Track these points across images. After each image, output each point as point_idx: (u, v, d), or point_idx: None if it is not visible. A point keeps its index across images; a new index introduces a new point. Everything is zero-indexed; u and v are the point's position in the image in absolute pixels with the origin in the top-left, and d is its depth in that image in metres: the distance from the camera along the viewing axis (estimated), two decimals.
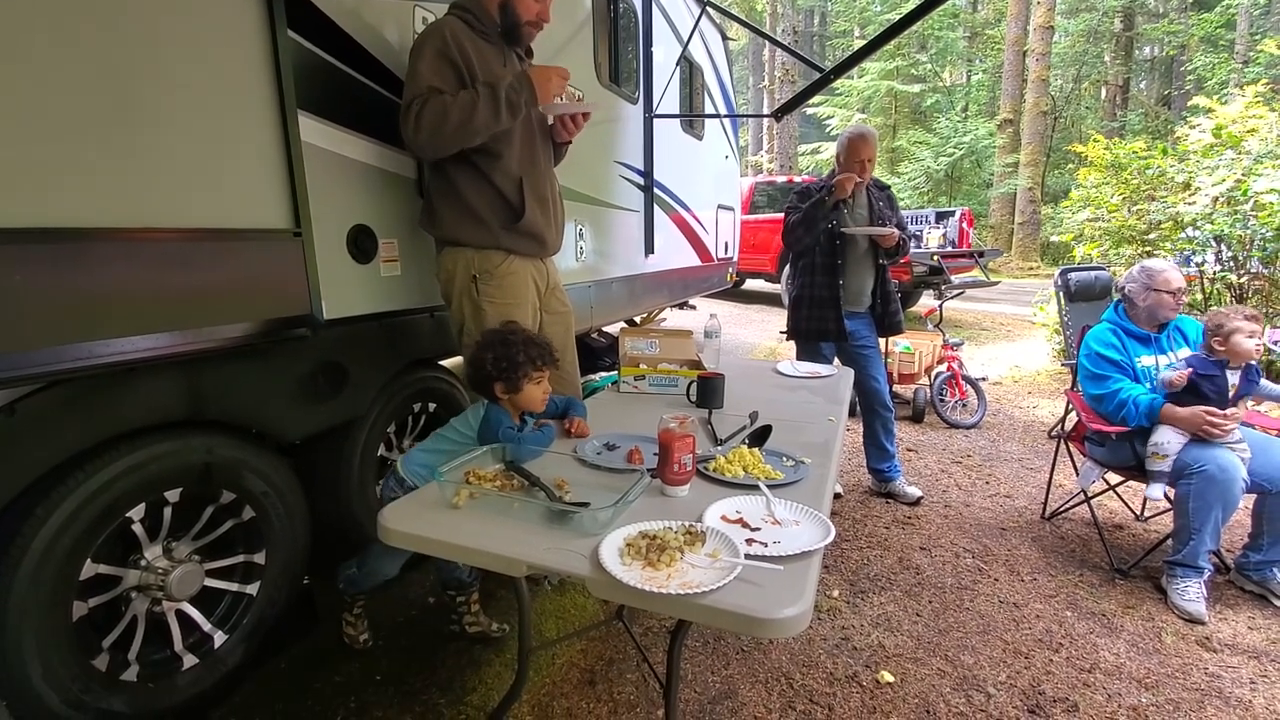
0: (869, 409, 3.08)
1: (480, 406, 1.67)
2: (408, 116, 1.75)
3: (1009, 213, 15.40)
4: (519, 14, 1.94)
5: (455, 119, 1.74)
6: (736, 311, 9.09)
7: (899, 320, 3.10)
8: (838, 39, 22.37)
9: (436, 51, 1.79)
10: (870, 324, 3.06)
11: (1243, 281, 4.30)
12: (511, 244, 1.99)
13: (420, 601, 2.18)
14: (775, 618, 0.94)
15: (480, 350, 1.66)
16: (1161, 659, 1.94)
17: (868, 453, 3.16)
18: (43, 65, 1.19)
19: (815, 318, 2.97)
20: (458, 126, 1.75)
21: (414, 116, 1.74)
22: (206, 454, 1.59)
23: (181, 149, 1.41)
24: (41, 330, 1.21)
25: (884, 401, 3.05)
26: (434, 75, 1.77)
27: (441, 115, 1.73)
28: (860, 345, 3.01)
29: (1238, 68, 15.82)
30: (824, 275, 2.95)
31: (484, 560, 1.15)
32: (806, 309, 3.00)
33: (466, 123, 1.75)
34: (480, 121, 1.76)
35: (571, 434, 1.74)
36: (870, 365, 3.03)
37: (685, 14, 4.63)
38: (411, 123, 1.75)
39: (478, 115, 1.75)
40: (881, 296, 3.03)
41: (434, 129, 1.74)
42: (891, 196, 3.10)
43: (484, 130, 1.79)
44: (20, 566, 1.29)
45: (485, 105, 1.75)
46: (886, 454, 3.09)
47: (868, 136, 2.89)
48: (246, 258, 1.56)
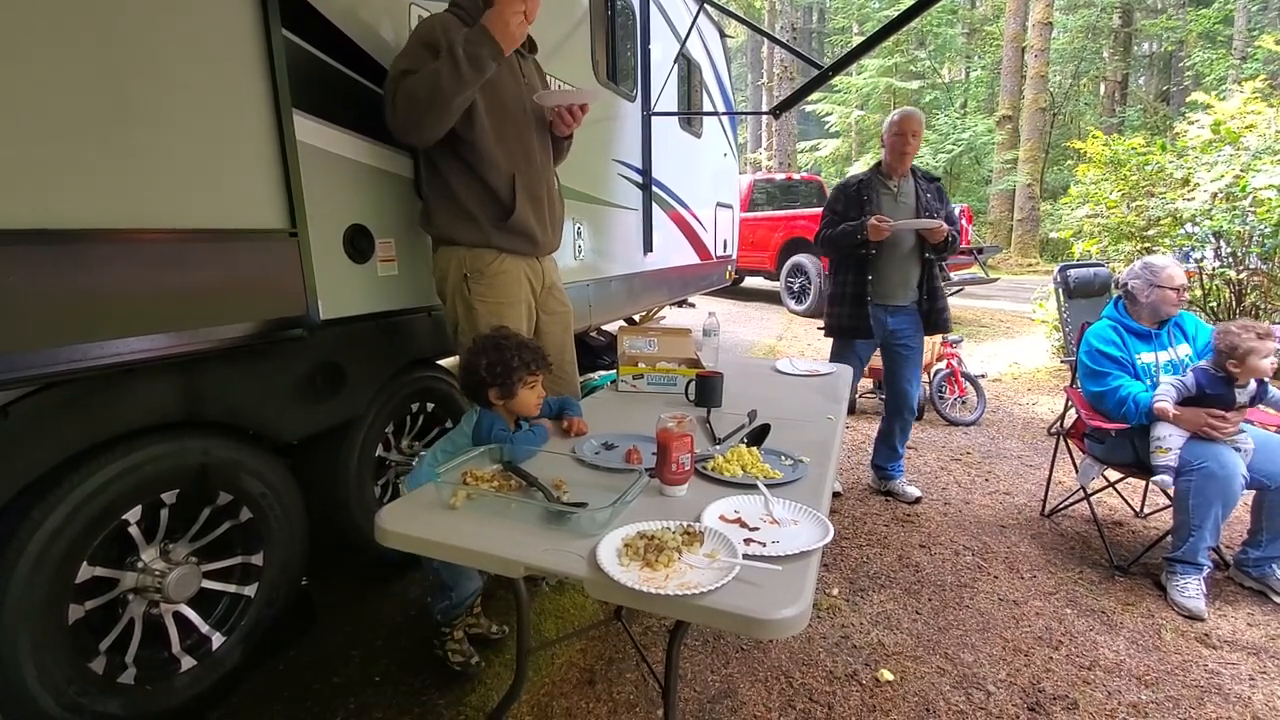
0: (895, 411, 3.07)
1: (473, 413, 1.67)
2: (386, 103, 1.76)
3: (1008, 209, 15.40)
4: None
5: (423, 92, 1.70)
6: (736, 309, 9.09)
7: (946, 318, 2.98)
8: (836, 35, 22.34)
9: (419, 39, 1.78)
10: (917, 321, 2.96)
11: (1241, 277, 4.30)
12: (503, 242, 1.98)
13: (420, 601, 2.17)
14: (774, 618, 0.94)
15: (473, 356, 1.65)
16: (1161, 656, 1.94)
17: (877, 450, 3.16)
18: (41, 66, 1.18)
19: (853, 315, 2.92)
20: (428, 99, 1.70)
21: (389, 101, 1.75)
22: (203, 455, 1.59)
23: (177, 149, 1.41)
24: (38, 331, 1.20)
25: (910, 406, 3.05)
26: (409, 60, 1.75)
27: (411, 92, 1.71)
28: (902, 344, 2.96)
29: (1236, 63, 15.80)
30: (856, 274, 2.91)
31: (482, 561, 1.15)
32: (842, 305, 2.97)
33: (435, 91, 1.69)
34: (445, 85, 1.68)
35: (570, 433, 1.74)
36: (907, 367, 2.99)
37: (683, 11, 4.62)
38: (389, 108, 1.75)
39: (442, 80, 1.68)
40: (929, 292, 2.93)
41: (407, 108, 1.73)
42: (941, 189, 3.00)
43: (452, 94, 1.71)
44: (16, 569, 1.28)
45: (445, 67, 1.68)
46: (895, 454, 3.09)
47: (911, 114, 2.86)
48: (242, 258, 1.55)
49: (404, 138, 1.84)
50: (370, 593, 2.22)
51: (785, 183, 10.40)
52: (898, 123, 2.84)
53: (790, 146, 18.44)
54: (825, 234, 2.96)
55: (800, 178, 10.63)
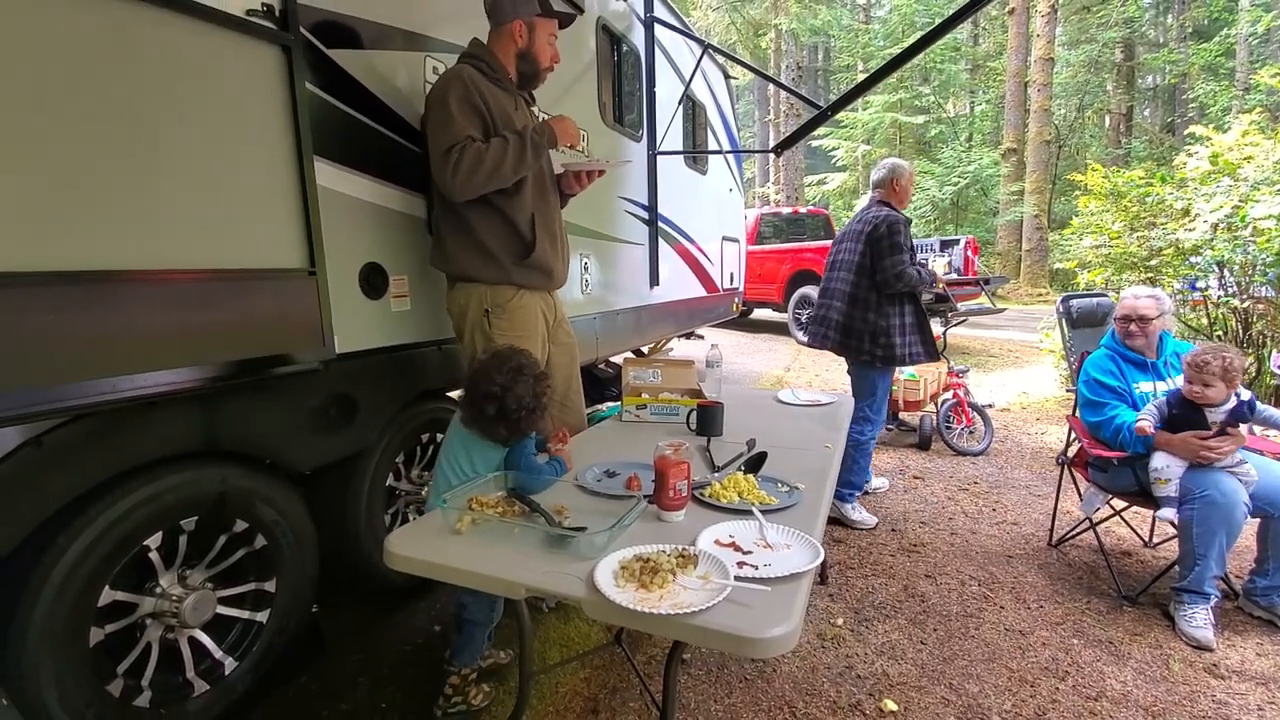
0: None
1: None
2: (446, 163, 1.86)
3: (1016, 240, 15.47)
4: (539, 61, 2.08)
5: (489, 164, 1.87)
6: (745, 341, 9.15)
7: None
8: (841, 74, 22.82)
9: (461, 98, 1.90)
10: None
11: (1246, 306, 4.31)
12: (522, 278, 2.07)
13: (426, 630, 2.20)
14: (763, 637, 0.97)
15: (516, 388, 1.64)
16: (1169, 686, 1.93)
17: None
18: (80, 120, 1.28)
19: (925, 339, 3.08)
20: (491, 171, 1.88)
21: (452, 164, 1.86)
22: (221, 484, 1.65)
23: (206, 195, 1.51)
24: (71, 365, 1.28)
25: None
26: (467, 123, 1.89)
27: (476, 161, 1.86)
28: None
29: (1239, 94, 15.96)
30: (912, 302, 3.08)
31: (485, 583, 1.20)
32: (907, 335, 3.05)
33: (499, 167, 1.89)
34: (509, 167, 1.91)
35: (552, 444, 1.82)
36: None
37: (687, 54, 4.80)
38: (450, 169, 1.86)
39: (507, 160, 1.89)
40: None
41: (470, 174, 1.86)
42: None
43: (513, 174, 1.93)
44: (42, 592, 1.34)
45: (514, 151, 1.90)
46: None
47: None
48: (263, 296, 1.64)
49: (453, 194, 1.93)
50: (378, 621, 2.26)
51: (792, 216, 10.56)
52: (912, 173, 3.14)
53: (797, 181, 18.73)
54: (905, 271, 2.94)
55: (807, 211, 10.79)
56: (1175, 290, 4.78)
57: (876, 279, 3.01)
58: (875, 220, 3.02)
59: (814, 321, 3.34)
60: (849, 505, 3.11)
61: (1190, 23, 20.04)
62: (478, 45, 2.06)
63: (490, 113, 1.94)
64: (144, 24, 1.37)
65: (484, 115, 1.93)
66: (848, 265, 3.12)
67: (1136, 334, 2.46)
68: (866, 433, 3.12)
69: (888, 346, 3.01)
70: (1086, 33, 19.27)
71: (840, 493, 3.09)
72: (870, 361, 3.05)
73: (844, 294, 3.12)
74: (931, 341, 3.09)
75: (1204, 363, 2.16)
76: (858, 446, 3.10)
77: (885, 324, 3.02)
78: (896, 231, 2.96)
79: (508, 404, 1.61)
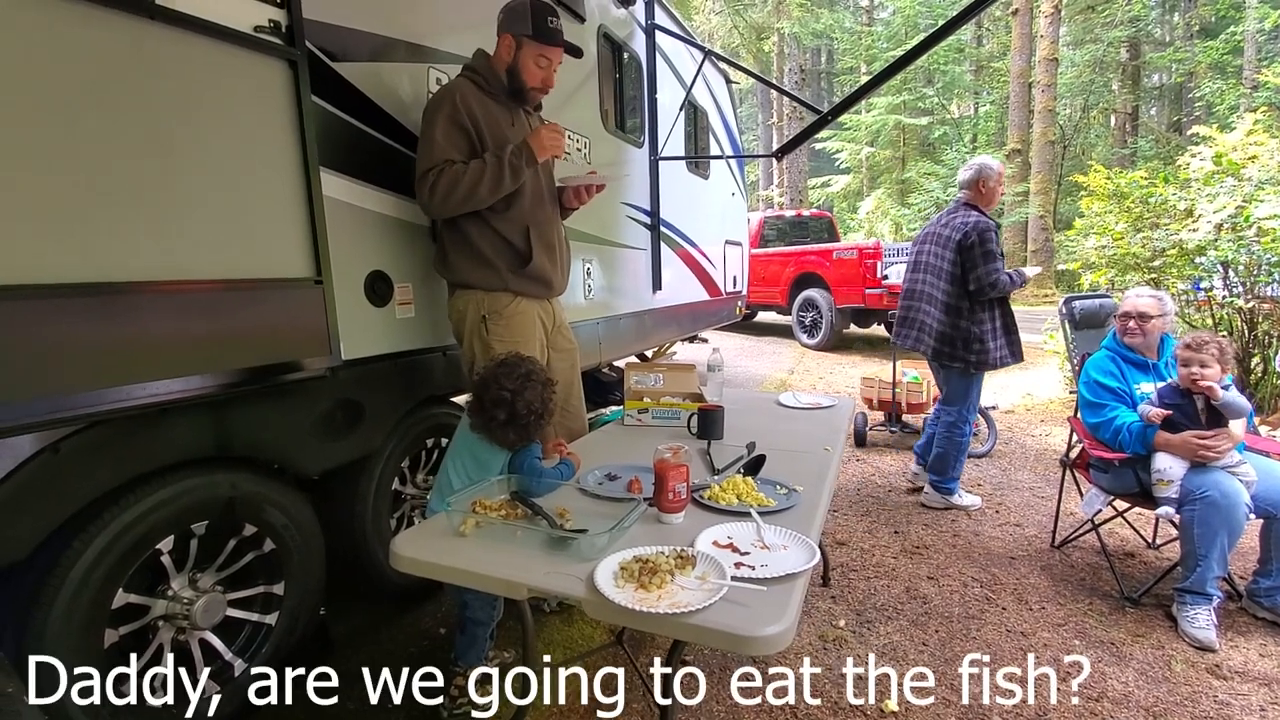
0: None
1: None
2: (423, 185, 1.92)
3: (1022, 240, 15.42)
4: (525, 81, 2.09)
5: (465, 188, 1.92)
6: (749, 344, 9.16)
7: None
8: (845, 75, 22.83)
9: (448, 118, 1.94)
10: None
11: (1251, 306, 4.30)
12: (519, 287, 2.11)
13: (432, 632, 2.23)
14: (758, 635, 1.00)
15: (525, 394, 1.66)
16: (1170, 687, 1.93)
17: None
18: (93, 135, 1.32)
19: (1013, 342, 3.15)
20: (467, 194, 1.93)
21: (429, 186, 1.92)
22: (231, 488, 1.69)
23: (215, 206, 1.55)
24: (87, 374, 1.32)
25: None
26: (448, 145, 1.94)
27: (453, 184, 1.91)
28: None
29: (1247, 93, 15.87)
30: (1001, 305, 3.14)
31: (488, 583, 1.22)
32: (995, 339, 3.12)
33: (475, 188, 1.93)
34: (485, 189, 1.94)
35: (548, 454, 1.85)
36: None
37: (689, 60, 4.84)
38: (426, 191, 1.92)
39: (484, 183, 1.93)
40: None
41: (445, 196, 1.92)
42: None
43: (490, 196, 1.97)
44: (59, 594, 1.38)
45: (491, 174, 1.93)
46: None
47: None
48: (272, 305, 1.68)
49: (431, 213, 2.01)
50: (385, 623, 2.29)
51: (795, 219, 10.58)
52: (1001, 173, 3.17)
53: (801, 183, 18.75)
54: (999, 280, 3.01)
55: (810, 214, 10.81)
56: (1180, 291, 4.77)
57: (970, 287, 3.06)
58: (965, 228, 3.06)
59: (901, 323, 3.42)
60: (956, 495, 3.27)
61: (1197, 20, 19.94)
62: (479, 57, 2.10)
63: (479, 130, 1.99)
64: (158, 42, 1.41)
65: (470, 133, 1.98)
66: (935, 270, 3.18)
67: (1135, 331, 2.47)
68: (966, 433, 3.24)
69: (981, 352, 3.09)
70: (1091, 32, 19.23)
71: (947, 486, 3.27)
72: (965, 368, 3.13)
73: (937, 301, 3.17)
74: (1018, 343, 3.16)
75: (1203, 341, 2.19)
76: (958, 447, 3.23)
77: (979, 330, 3.09)
78: (988, 240, 3.02)
79: (518, 409, 1.64)
